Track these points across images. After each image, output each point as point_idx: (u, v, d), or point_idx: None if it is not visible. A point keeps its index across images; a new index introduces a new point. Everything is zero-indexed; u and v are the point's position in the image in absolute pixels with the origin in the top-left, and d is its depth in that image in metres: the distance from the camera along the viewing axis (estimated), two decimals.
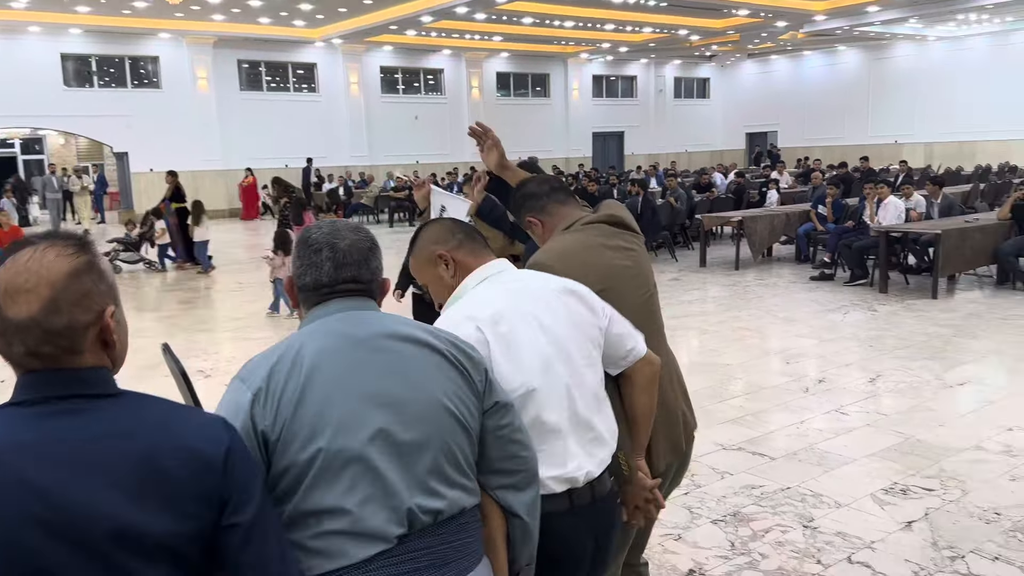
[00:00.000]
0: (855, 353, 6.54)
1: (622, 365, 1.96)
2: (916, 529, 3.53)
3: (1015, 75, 23.93)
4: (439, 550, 1.38)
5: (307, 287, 1.50)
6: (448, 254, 1.86)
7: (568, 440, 1.74)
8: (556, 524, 1.69)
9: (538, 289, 1.85)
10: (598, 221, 2.24)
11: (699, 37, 23.44)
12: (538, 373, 1.72)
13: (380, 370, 1.41)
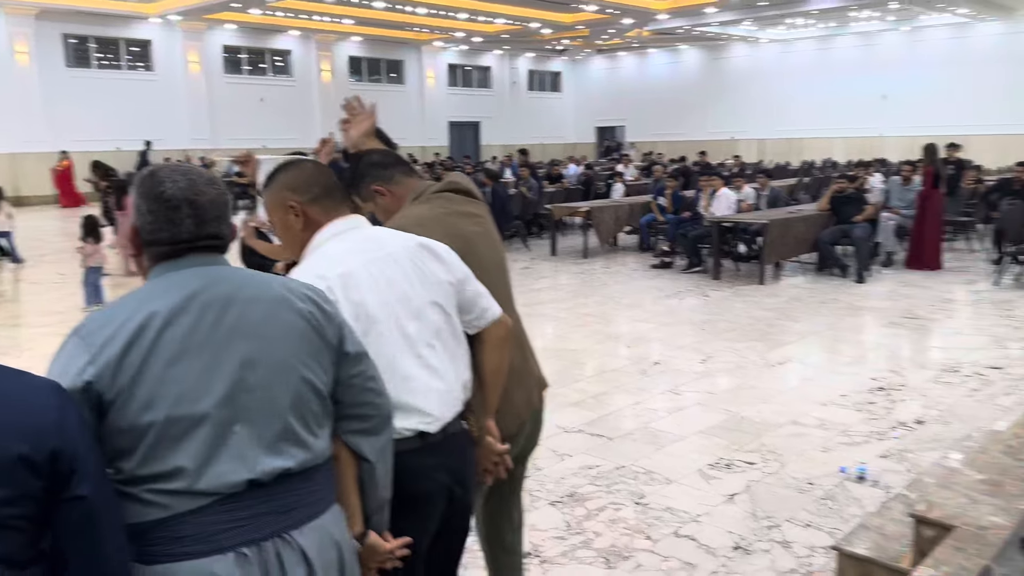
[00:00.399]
0: (689, 336, 6.87)
1: (476, 325, 1.98)
2: (738, 501, 3.74)
3: (837, 77, 25.99)
4: (284, 499, 1.40)
5: (162, 242, 1.43)
6: (299, 206, 1.84)
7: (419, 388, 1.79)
8: (408, 462, 1.73)
9: (391, 246, 1.86)
10: (445, 190, 2.27)
11: (550, 31, 23.89)
12: (388, 329, 1.76)
13: (231, 332, 1.39)
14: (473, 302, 1.96)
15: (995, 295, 8.20)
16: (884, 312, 7.62)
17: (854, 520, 3.33)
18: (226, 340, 1.38)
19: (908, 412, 4.87)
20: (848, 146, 24.74)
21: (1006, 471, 3.07)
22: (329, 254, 1.79)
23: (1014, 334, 6.62)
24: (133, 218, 1.46)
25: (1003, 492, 2.89)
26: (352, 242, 1.83)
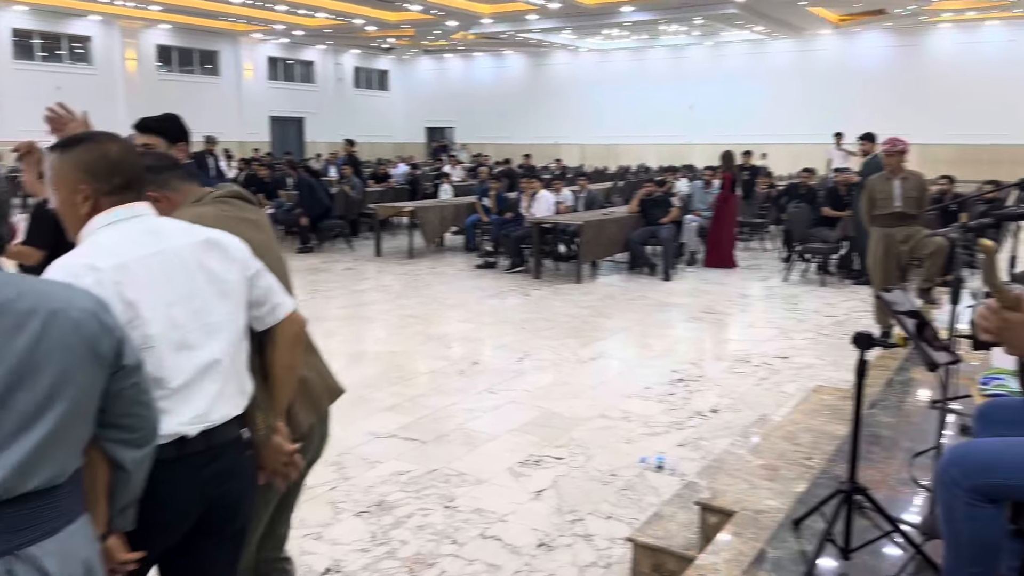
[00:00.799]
0: (509, 335, 6.94)
1: (267, 322, 1.91)
2: (545, 497, 3.79)
3: (650, 87, 27.51)
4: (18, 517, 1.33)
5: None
6: (93, 195, 1.70)
7: (187, 392, 1.70)
8: (161, 472, 1.64)
9: (175, 240, 1.75)
10: (227, 195, 2.20)
11: (375, 28, 23.53)
12: (160, 327, 1.66)
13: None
14: (265, 297, 1.90)
15: (784, 290, 8.94)
16: (687, 308, 8.09)
17: (651, 509, 3.46)
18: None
19: (704, 402, 5.17)
20: (660, 152, 26.21)
21: (783, 456, 3.29)
22: (103, 243, 1.65)
23: (799, 326, 7.23)
24: None
25: (780, 476, 3.09)
26: (130, 233, 1.69)
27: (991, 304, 1.70)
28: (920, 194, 6.41)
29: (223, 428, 1.76)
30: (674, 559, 2.87)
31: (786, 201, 11.20)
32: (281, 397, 1.97)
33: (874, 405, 3.74)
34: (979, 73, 22.43)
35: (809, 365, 5.97)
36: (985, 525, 1.85)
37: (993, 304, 1.69)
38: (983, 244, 1.63)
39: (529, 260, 10.11)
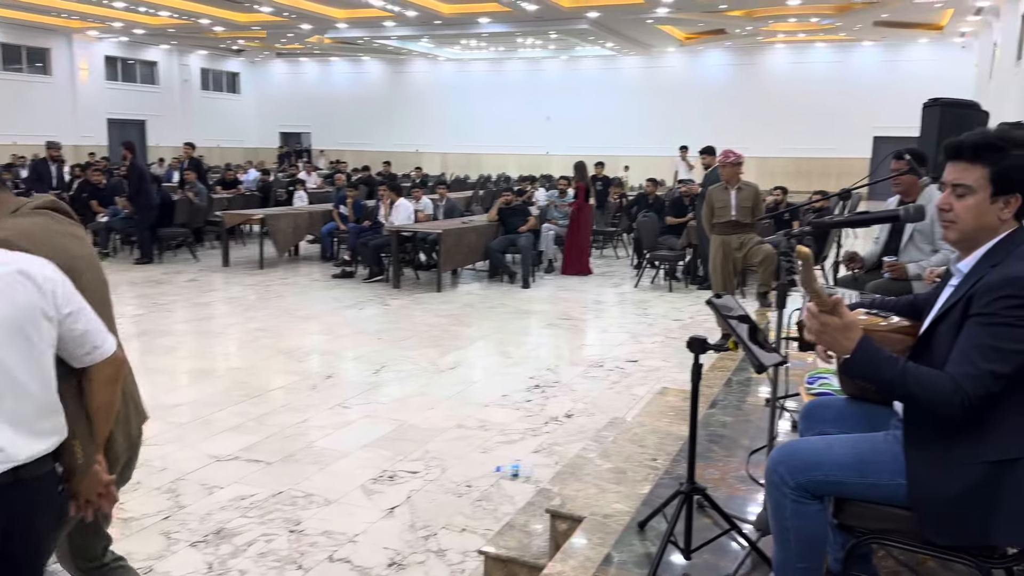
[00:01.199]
0: (366, 347, 6.76)
1: (85, 361, 1.89)
2: (398, 514, 3.68)
3: (509, 98, 27.90)
4: None
5: None
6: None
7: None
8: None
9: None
10: (46, 207, 2.09)
11: (224, 29, 22.52)
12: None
13: None
14: (83, 339, 1.86)
15: (635, 296, 9.25)
16: (545, 315, 8.20)
17: (507, 519, 3.43)
18: None
19: (559, 407, 5.23)
20: (520, 162, 26.65)
21: (630, 458, 3.35)
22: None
23: (648, 330, 7.48)
24: None
25: (627, 479, 3.14)
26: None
27: (811, 308, 1.78)
28: (753, 204, 6.83)
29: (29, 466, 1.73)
30: (526, 569, 2.85)
31: (636, 211, 11.61)
32: (100, 432, 1.96)
33: (714, 405, 3.90)
34: (809, 90, 24.27)
35: (657, 368, 6.17)
36: (811, 521, 1.93)
37: (813, 308, 1.77)
38: (799, 251, 1.70)
39: (388, 269, 9.95)
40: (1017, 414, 1.72)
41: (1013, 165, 1.79)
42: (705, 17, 19.19)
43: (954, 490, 1.75)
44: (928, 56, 22.79)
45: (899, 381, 1.72)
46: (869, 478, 1.85)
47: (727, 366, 4.63)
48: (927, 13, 18.64)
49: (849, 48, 23.90)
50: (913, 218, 2.09)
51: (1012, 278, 1.70)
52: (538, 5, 17.33)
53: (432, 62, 28.83)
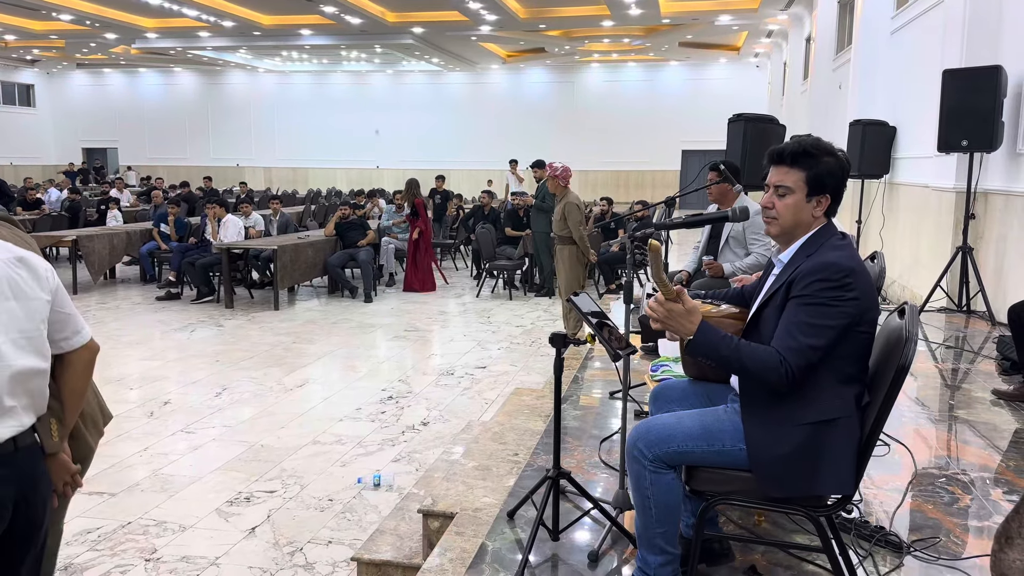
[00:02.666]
0: (202, 370, 6.49)
1: (63, 347, 1.95)
2: (259, 533, 3.62)
3: (335, 112, 27.50)
4: None
5: None
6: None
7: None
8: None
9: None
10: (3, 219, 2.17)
11: (16, 38, 20.62)
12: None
13: None
14: (64, 323, 1.95)
15: (478, 305, 9.47)
16: (390, 327, 8.22)
17: (373, 527, 3.47)
18: None
19: (415, 416, 5.30)
20: (350, 176, 26.36)
21: (493, 455, 3.51)
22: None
23: (493, 337, 7.71)
24: None
25: (492, 474, 3.29)
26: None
27: (658, 297, 2.01)
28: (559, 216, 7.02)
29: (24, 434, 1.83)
30: (400, 570, 2.92)
31: (473, 223, 11.88)
32: (69, 418, 2.01)
33: (564, 400, 4.14)
34: (624, 107, 25.80)
35: (505, 372, 6.39)
36: (667, 489, 2.16)
37: (660, 297, 2.00)
38: (651, 245, 1.92)
39: (219, 289, 9.55)
40: (832, 381, 2.03)
41: (825, 170, 2.12)
42: (526, 36, 19.94)
43: (784, 449, 2.03)
44: (727, 75, 24.95)
45: (734, 357, 1.98)
46: (715, 445, 2.11)
47: (572, 365, 4.91)
48: (725, 35, 20.43)
49: (658, 68, 25.67)
50: (739, 218, 2.39)
51: (825, 264, 2.01)
52: (362, 19, 17.29)
53: (251, 74, 27.86)
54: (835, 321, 1.96)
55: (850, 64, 10.13)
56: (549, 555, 2.60)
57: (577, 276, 7.05)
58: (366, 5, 16.56)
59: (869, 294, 2.02)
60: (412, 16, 18.01)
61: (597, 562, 2.56)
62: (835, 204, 2.15)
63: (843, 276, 1.98)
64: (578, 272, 7.05)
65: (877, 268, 3.06)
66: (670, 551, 2.20)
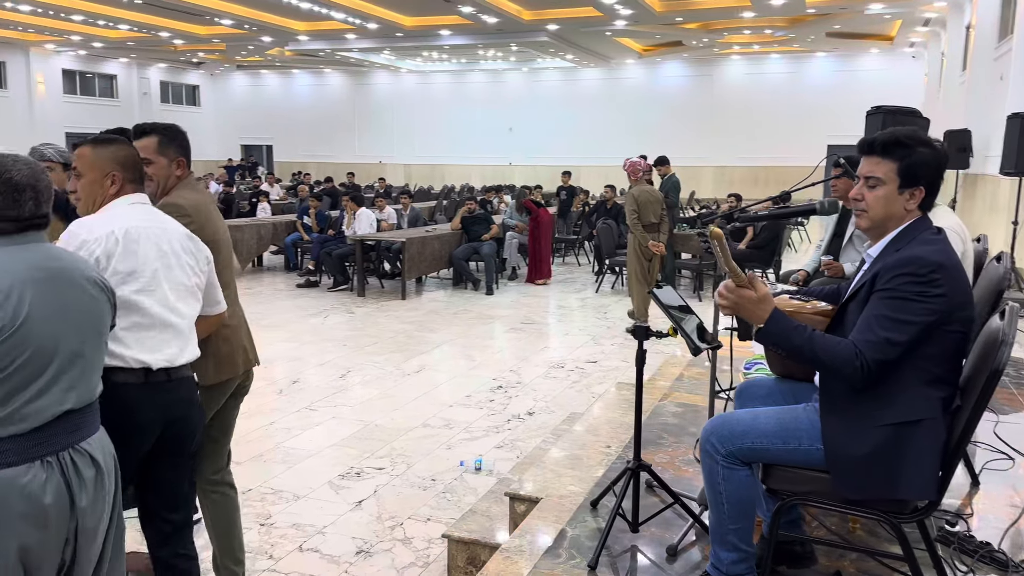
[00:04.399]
0: (331, 353, 6.88)
1: (203, 312, 2.50)
2: (365, 506, 3.82)
3: (471, 109, 28.14)
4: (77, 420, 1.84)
5: (7, 219, 1.78)
6: (121, 180, 2.34)
7: (166, 333, 2.29)
8: (133, 393, 2.21)
9: (170, 226, 2.39)
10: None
11: (183, 42, 22.44)
12: (147, 279, 2.25)
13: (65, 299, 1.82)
14: (208, 294, 2.50)
15: (596, 300, 9.47)
16: (508, 319, 8.38)
17: (469, 508, 3.58)
18: (63, 306, 1.81)
19: (521, 405, 5.40)
20: (483, 172, 26.88)
21: (586, 446, 3.54)
22: (122, 215, 2.27)
23: (608, 332, 7.70)
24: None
25: (581, 464, 3.33)
26: (141, 210, 2.34)
27: (728, 284, 1.98)
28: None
29: (182, 368, 2.34)
30: (487, 549, 3.01)
31: (596, 218, 11.86)
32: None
33: (665, 397, 4.10)
34: (765, 100, 24.87)
35: (616, 367, 6.38)
36: (741, 486, 2.13)
37: (730, 284, 1.97)
38: (712, 231, 1.90)
39: (353, 278, 10.06)
40: (917, 381, 1.94)
41: (918, 161, 2.02)
42: (662, 29, 19.62)
43: (864, 450, 1.95)
44: (879, 66, 23.53)
45: (807, 347, 1.92)
46: (790, 444, 2.05)
47: (680, 362, 4.85)
48: (877, 24, 19.28)
49: (803, 59, 24.57)
50: (828, 211, 2.31)
51: (912, 258, 1.92)
52: (498, 18, 17.59)
53: (394, 74, 28.97)
54: (917, 317, 1.87)
55: (1011, 54, 9.34)
56: (628, 546, 2.62)
57: (641, 265, 7.58)
58: (502, 4, 16.85)
59: (960, 292, 1.91)
60: (547, 13, 18.14)
61: (676, 556, 2.55)
62: (930, 197, 2.04)
63: (930, 271, 1.88)
64: (641, 261, 7.58)
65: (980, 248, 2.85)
66: (744, 548, 2.16)
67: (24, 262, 1.77)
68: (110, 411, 2.03)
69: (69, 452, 1.81)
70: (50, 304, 1.78)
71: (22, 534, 1.72)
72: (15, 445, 1.72)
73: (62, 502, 1.78)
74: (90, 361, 1.87)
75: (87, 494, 1.83)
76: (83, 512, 1.83)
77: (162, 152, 2.67)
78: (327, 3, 16.51)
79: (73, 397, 1.81)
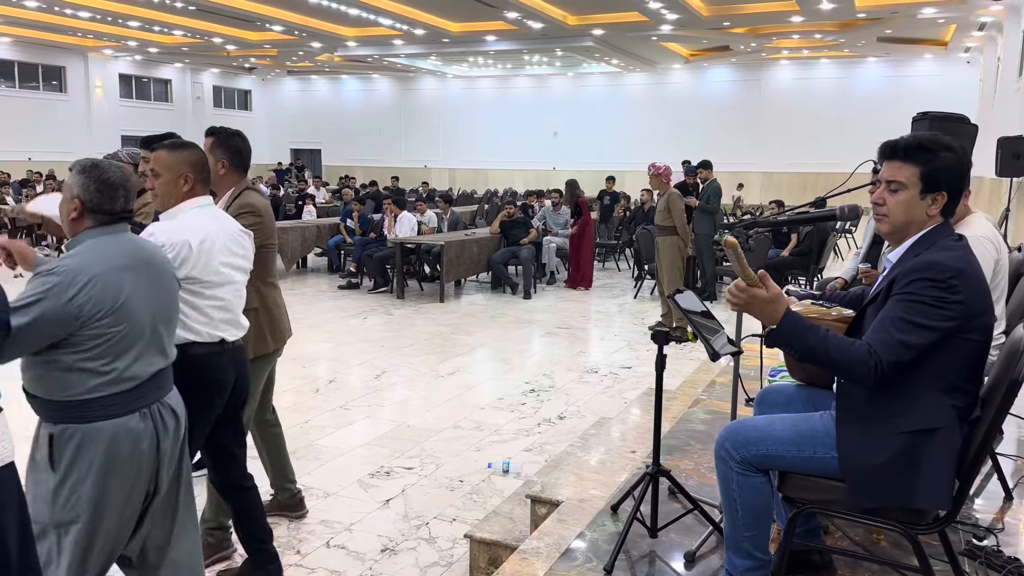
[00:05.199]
0: (368, 354, 6.97)
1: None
2: (392, 506, 3.87)
3: (516, 114, 28.24)
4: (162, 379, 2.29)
5: (104, 212, 2.17)
6: (192, 181, 2.72)
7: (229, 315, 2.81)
8: (214, 360, 2.75)
9: (229, 225, 2.84)
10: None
11: (236, 47, 22.97)
12: (216, 274, 2.70)
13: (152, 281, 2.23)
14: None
15: (634, 306, 9.43)
16: (544, 324, 8.39)
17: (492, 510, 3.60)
18: (151, 287, 2.22)
19: (553, 410, 5.41)
20: (527, 177, 26.92)
21: (611, 451, 3.54)
22: (192, 221, 2.66)
23: (643, 339, 7.66)
24: (76, 193, 2.15)
25: (605, 469, 3.33)
26: (208, 214, 2.76)
27: (739, 283, 1.97)
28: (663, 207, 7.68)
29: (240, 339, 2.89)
30: (508, 551, 3.02)
31: (635, 224, 11.80)
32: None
33: (695, 404, 4.08)
34: (814, 106, 24.47)
35: (650, 374, 6.32)
36: (755, 493, 2.11)
37: (741, 283, 1.96)
38: (727, 241, 1.89)
39: (392, 280, 10.17)
40: (934, 390, 1.90)
41: (941, 166, 1.98)
42: (709, 34, 19.45)
43: (880, 458, 1.93)
44: (933, 71, 22.98)
45: (821, 348, 1.89)
46: (805, 451, 2.04)
47: (711, 369, 4.80)
48: (930, 29, 18.83)
49: (853, 64, 24.12)
50: (848, 217, 2.28)
51: (931, 263, 1.89)
52: (544, 23, 17.64)
53: (440, 79, 29.21)
54: (933, 322, 1.84)
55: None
56: (646, 551, 2.61)
57: (679, 268, 7.60)
58: (547, 9, 16.89)
59: (978, 299, 1.87)
60: (592, 18, 18.13)
61: (694, 563, 2.54)
62: (952, 203, 2.01)
63: (949, 277, 1.85)
64: (680, 265, 7.61)
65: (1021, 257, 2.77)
66: (758, 556, 2.15)
67: (119, 249, 2.17)
68: (197, 375, 2.61)
69: (157, 405, 2.24)
70: (141, 284, 2.17)
71: (127, 471, 2.16)
72: (122, 399, 2.14)
73: (152, 446, 2.22)
74: (171, 329, 2.33)
75: (168, 440, 2.27)
76: (164, 454, 2.27)
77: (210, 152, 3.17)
78: (375, 9, 16.75)
79: (161, 359, 2.25)
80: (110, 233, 2.17)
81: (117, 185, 2.17)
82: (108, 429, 2.12)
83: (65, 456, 2.10)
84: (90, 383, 2.08)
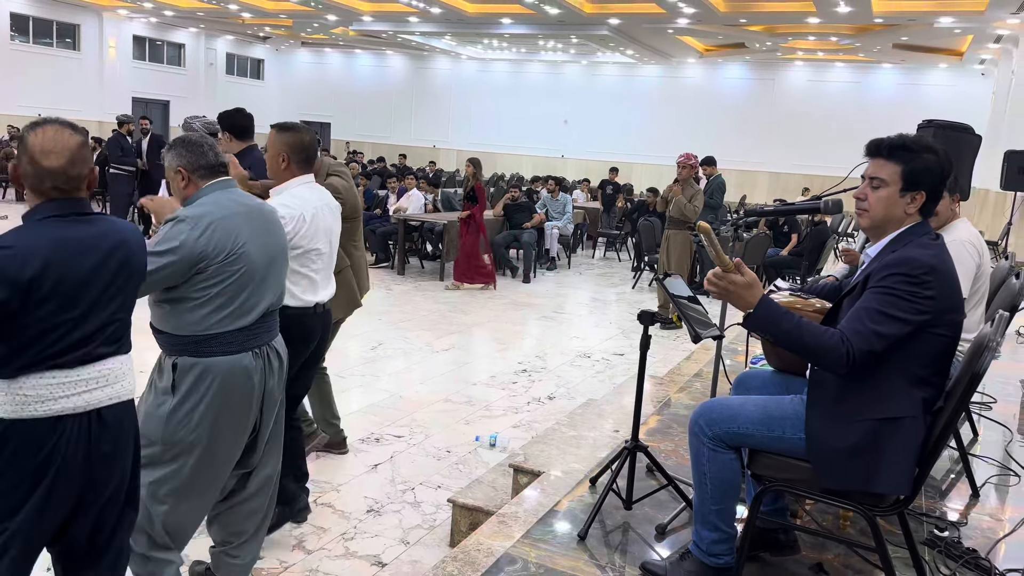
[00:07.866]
0: (366, 326, 7.06)
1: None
2: (380, 470, 3.98)
3: (527, 99, 28.19)
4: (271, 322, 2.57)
5: (203, 167, 2.42)
6: (289, 161, 3.01)
7: (324, 281, 3.18)
8: (307, 320, 3.11)
9: (329, 200, 3.18)
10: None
11: (251, 15, 22.94)
12: (322, 245, 3.10)
13: (262, 228, 2.48)
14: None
15: (632, 296, 9.52)
16: (541, 308, 8.48)
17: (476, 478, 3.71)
18: (263, 233, 2.47)
19: (543, 390, 5.52)
20: (535, 163, 26.94)
21: (594, 428, 3.65)
22: (301, 194, 3.00)
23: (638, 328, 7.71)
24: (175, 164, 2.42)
25: (587, 444, 3.44)
26: (312, 188, 3.09)
27: (716, 270, 2.06)
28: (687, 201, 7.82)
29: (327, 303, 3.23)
30: (488, 515, 3.13)
31: (637, 216, 11.88)
32: None
33: (682, 390, 4.18)
34: (826, 109, 24.44)
35: None
36: (725, 468, 2.21)
37: (718, 270, 2.05)
38: (700, 226, 1.98)
39: (394, 256, 10.26)
40: (901, 380, 2.00)
41: (922, 166, 2.07)
42: (725, 30, 19.42)
43: (845, 443, 2.02)
44: (946, 81, 22.94)
45: (795, 333, 1.98)
46: (775, 431, 2.13)
47: (701, 359, 4.90)
48: (947, 38, 18.80)
49: (868, 69, 24.07)
50: (831, 210, 2.37)
51: (907, 258, 1.98)
52: (560, 9, 17.61)
53: (454, 60, 29.17)
54: (905, 315, 1.93)
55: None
56: (620, 522, 2.72)
57: (686, 266, 7.72)
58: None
59: (950, 296, 1.96)
60: (609, 8, 18.10)
61: (664, 535, 2.64)
62: (931, 203, 2.09)
63: (923, 273, 1.94)
64: (687, 262, 7.75)
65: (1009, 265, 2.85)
66: (724, 529, 2.25)
67: (230, 199, 2.41)
68: (296, 332, 2.92)
69: (266, 347, 2.51)
70: (255, 229, 2.42)
71: (238, 403, 2.43)
72: (240, 336, 2.40)
73: (260, 384, 2.49)
74: (282, 273, 2.59)
75: (273, 379, 2.55)
76: (269, 392, 2.54)
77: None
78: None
79: (271, 297, 2.50)
80: (220, 188, 2.41)
81: (199, 142, 2.42)
82: (225, 364, 2.37)
83: (185, 383, 2.35)
84: (212, 319, 2.33)
